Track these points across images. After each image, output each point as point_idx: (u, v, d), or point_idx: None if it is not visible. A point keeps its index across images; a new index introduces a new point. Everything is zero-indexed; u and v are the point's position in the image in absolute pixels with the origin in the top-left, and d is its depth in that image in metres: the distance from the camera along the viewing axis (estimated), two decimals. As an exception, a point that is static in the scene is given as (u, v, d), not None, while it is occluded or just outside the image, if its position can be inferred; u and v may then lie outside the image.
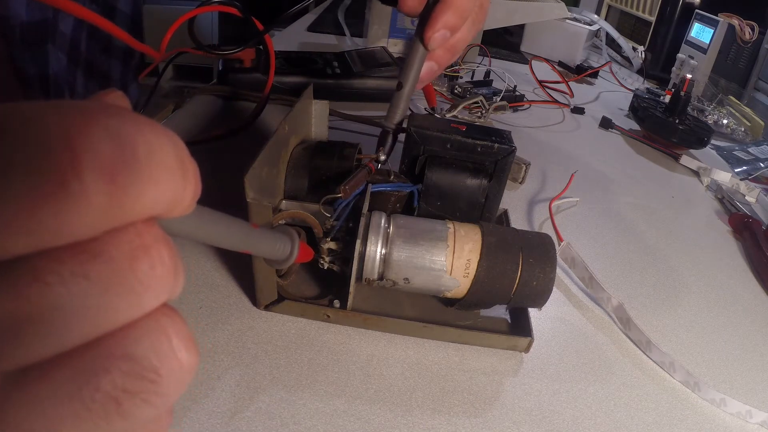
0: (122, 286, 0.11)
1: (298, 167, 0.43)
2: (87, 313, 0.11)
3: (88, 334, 0.11)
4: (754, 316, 0.49)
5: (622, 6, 1.42)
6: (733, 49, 1.10)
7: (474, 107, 0.79)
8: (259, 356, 0.35)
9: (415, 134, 0.41)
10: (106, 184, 0.10)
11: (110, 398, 0.11)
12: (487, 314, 0.41)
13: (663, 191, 0.70)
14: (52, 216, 0.10)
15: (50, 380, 0.11)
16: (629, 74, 1.22)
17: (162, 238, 0.12)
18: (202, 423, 0.30)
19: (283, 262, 0.28)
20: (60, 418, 0.11)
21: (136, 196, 0.11)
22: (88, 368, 0.11)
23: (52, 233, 0.10)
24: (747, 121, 0.98)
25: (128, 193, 0.11)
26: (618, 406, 0.36)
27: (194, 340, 0.13)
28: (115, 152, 0.10)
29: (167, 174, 0.12)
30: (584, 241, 0.55)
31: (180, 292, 0.13)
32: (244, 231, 0.21)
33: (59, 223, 0.10)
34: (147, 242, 0.12)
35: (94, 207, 0.10)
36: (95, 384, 0.11)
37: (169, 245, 0.12)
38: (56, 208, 0.10)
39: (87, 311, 0.11)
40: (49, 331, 0.11)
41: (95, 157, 0.10)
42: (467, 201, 0.41)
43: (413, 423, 0.32)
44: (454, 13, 0.38)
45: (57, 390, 0.11)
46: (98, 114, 0.11)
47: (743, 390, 0.40)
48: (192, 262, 0.41)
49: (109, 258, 0.11)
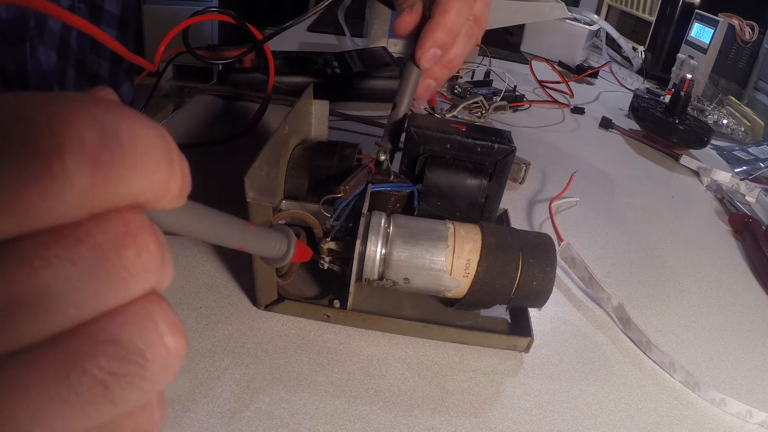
0: (108, 272, 0.12)
1: (298, 167, 0.43)
2: (73, 298, 0.11)
3: (74, 318, 0.12)
4: (754, 316, 0.49)
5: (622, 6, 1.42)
6: (733, 49, 1.10)
7: (474, 107, 0.79)
8: (259, 356, 0.35)
9: (415, 134, 0.41)
10: (88, 167, 0.11)
11: (97, 381, 0.12)
12: (487, 314, 0.41)
13: (663, 191, 0.70)
14: (37, 196, 0.10)
15: (37, 364, 0.11)
16: (629, 74, 1.22)
17: (149, 228, 0.12)
18: (202, 423, 0.30)
19: (280, 260, 0.28)
20: (47, 402, 0.11)
21: (119, 181, 0.11)
22: (74, 352, 0.11)
23: (37, 214, 0.11)
24: (747, 121, 0.98)
25: (111, 177, 0.11)
26: (618, 406, 0.36)
27: (181, 327, 0.13)
28: (99, 139, 0.11)
29: (152, 163, 0.12)
30: (584, 241, 0.55)
31: (169, 281, 0.14)
32: (238, 228, 0.21)
33: (44, 205, 0.10)
34: (133, 230, 0.12)
35: (77, 189, 0.11)
36: (82, 368, 0.11)
37: (155, 234, 0.13)
38: (41, 189, 0.10)
39: (73, 295, 0.11)
40: (35, 314, 0.11)
41: (79, 143, 0.11)
42: (467, 201, 0.42)
43: (413, 423, 0.32)
44: (443, 31, 0.38)
45: (44, 374, 0.11)
46: (86, 104, 0.11)
47: (743, 390, 0.40)
48: (192, 262, 0.41)
49: (95, 244, 0.11)
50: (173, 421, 0.29)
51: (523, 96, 0.89)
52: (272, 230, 0.27)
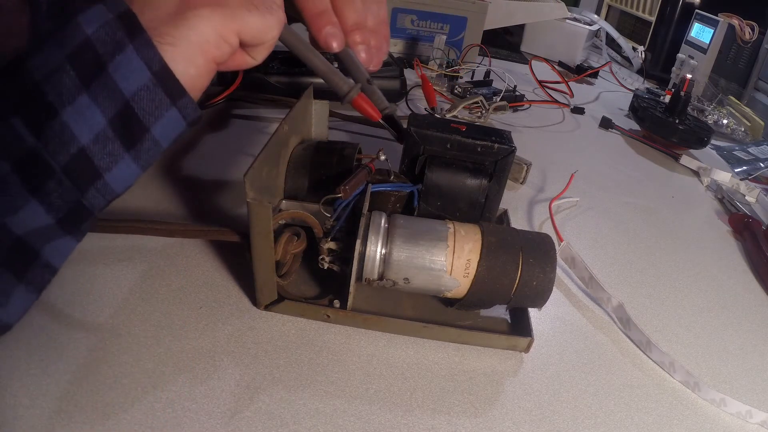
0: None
1: (298, 167, 0.43)
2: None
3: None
4: (754, 316, 0.49)
5: (622, 6, 1.42)
6: (733, 49, 1.10)
7: (474, 107, 0.79)
8: (259, 356, 0.35)
9: (415, 134, 0.41)
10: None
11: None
12: (487, 314, 0.41)
13: (663, 191, 0.70)
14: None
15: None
16: (629, 74, 1.22)
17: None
18: (202, 423, 0.30)
19: (343, 97, 0.38)
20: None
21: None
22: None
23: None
24: (747, 121, 0.98)
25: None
26: (618, 406, 0.36)
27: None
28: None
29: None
30: (584, 241, 0.55)
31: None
32: (322, 59, 0.36)
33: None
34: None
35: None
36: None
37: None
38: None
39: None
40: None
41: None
42: (467, 201, 0.42)
43: (413, 423, 0.32)
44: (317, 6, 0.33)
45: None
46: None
47: (743, 390, 0.40)
48: (192, 262, 0.41)
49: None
50: (173, 421, 0.30)
51: (523, 96, 0.89)
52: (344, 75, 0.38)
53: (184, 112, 0.26)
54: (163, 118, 0.25)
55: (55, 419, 0.28)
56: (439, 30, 0.98)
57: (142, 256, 0.41)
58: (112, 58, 0.23)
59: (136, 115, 0.24)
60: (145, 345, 0.34)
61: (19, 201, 0.23)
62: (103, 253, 0.40)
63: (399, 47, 0.99)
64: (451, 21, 0.98)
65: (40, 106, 0.22)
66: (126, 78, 0.23)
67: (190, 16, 0.25)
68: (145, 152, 0.25)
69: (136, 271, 0.39)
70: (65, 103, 0.22)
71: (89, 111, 0.23)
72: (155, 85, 0.24)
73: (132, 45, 0.23)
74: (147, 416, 0.30)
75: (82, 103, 0.23)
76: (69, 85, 0.22)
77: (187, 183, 0.51)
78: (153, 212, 0.46)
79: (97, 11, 0.23)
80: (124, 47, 0.23)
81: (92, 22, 0.23)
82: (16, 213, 0.23)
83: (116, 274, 0.39)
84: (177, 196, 0.49)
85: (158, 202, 0.47)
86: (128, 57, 0.23)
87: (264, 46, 0.29)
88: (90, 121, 0.23)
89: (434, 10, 0.97)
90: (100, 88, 0.23)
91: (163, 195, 0.49)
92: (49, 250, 0.25)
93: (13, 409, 0.29)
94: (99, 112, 0.23)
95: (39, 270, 0.25)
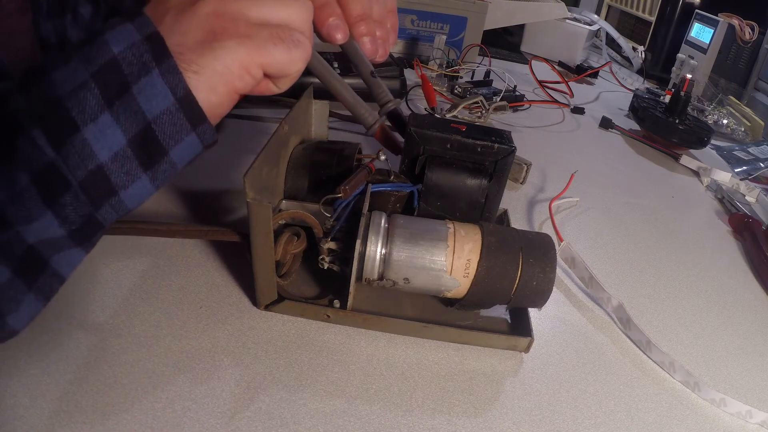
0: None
1: (298, 167, 0.43)
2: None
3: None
4: (754, 316, 0.49)
5: (622, 6, 1.42)
6: (733, 49, 1.10)
7: (474, 107, 0.79)
8: (259, 356, 0.35)
9: (415, 134, 0.41)
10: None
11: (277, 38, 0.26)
12: (487, 314, 0.41)
13: (663, 191, 0.70)
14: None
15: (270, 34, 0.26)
16: (629, 74, 1.22)
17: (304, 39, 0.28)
18: (202, 423, 0.30)
19: (368, 128, 0.41)
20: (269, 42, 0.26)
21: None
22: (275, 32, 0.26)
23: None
24: (747, 121, 0.98)
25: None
26: (618, 406, 0.36)
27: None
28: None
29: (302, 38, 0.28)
30: (584, 241, 0.55)
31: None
32: (348, 89, 0.39)
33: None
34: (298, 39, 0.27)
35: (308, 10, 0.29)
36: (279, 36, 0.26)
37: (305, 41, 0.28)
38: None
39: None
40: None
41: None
42: (467, 201, 0.41)
43: (413, 423, 0.32)
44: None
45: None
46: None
47: (743, 390, 0.40)
48: (192, 262, 0.41)
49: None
50: (173, 421, 0.30)
51: (523, 96, 0.89)
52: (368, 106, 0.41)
53: (203, 137, 0.26)
54: (183, 142, 0.25)
55: (55, 419, 0.28)
56: (439, 30, 0.98)
57: (142, 256, 0.41)
58: (137, 79, 0.23)
59: (156, 137, 0.24)
60: (145, 345, 0.34)
61: (35, 212, 0.23)
62: (103, 253, 0.40)
63: (399, 47, 0.99)
64: (451, 21, 0.99)
65: (63, 121, 0.22)
66: (149, 101, 0.24)
67: (216, 47, 0.25)
68: (162, 173, 0.25)
69: (136, 271, 0.39)
70: (87, 120, 0.23)
71: (110, 130, 0.23)
72: (178, 110, 0.24)
73: (158, 69, 0.23)
74: (147, 416, 0.30)
75: (104, 121, 0.23)
76: (92, 103, 0.23)
77: (188, 183, 0.51)
78: (153, 213, 0.46)
79: (125, 31, 0.23)
80: (150, 70, 0.23)
81: (120, 42, 0.23)
82: (31, 223, 0.23)
83: (116, 274, 0.39)
84: (177, 197, 0.49)
85: (159, 202, 0.47)
86: (153, 80, 0.23)
87: (289, 78, 0.29)
88: (110, 139, 0.23)
89: (434, 10, 0.97)
90: (122, 108, 0.23)
91: (163, 195, 0.49)
92: (58, 259, 0.25)
93: (13, 409, 0.29)
94: (120, 131, 0.23)
95: (48, 279, 0.25)
